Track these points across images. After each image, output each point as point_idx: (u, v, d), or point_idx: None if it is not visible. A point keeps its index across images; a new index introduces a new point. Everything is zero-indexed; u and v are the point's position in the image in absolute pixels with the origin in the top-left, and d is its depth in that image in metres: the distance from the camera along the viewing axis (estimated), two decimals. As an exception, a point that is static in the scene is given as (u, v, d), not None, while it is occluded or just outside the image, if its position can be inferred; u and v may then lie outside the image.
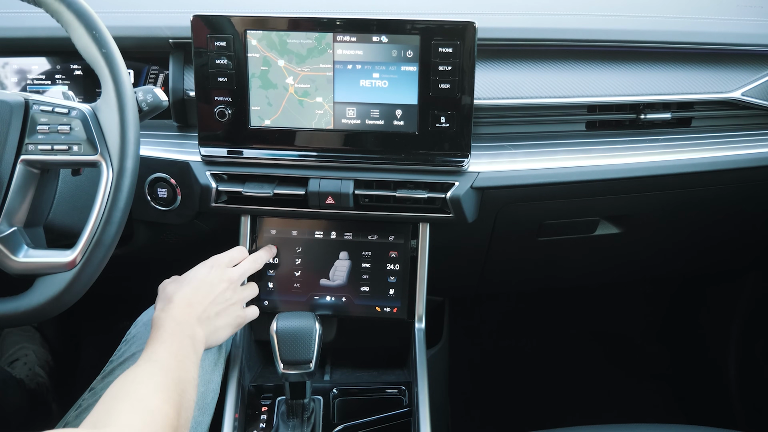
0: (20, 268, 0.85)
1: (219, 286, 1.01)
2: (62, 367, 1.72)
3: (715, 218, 1.37)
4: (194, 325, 0.95)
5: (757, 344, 1.75)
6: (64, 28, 0.87)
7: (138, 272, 1.41)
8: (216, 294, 1.00)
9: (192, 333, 0.93)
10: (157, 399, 0.77)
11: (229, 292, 1.03)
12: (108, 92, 0.86)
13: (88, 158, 0.85)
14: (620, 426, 1.00)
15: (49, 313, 0.85)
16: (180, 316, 0.94)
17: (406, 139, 1.07)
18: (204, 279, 1.01)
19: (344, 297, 1.15)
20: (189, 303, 0.97)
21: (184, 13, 1.08)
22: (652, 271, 1.68)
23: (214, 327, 0.99)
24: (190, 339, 0.92)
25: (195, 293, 0.98)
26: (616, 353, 2.01)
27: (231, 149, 1.10)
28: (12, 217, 0.86)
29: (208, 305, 0.99)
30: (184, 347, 0.90)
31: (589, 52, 1.17)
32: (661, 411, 1.89)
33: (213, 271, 1.03)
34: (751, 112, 1.21)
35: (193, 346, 0.92)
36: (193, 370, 0.88)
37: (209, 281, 1.01)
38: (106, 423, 0.72)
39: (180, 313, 0.94)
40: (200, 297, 0.98)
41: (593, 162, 1.13)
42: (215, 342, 1.00)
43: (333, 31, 1.03)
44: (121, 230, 0.86)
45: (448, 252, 1.24)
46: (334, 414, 1.10)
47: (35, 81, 1.19)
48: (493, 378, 1.96)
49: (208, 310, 0.98)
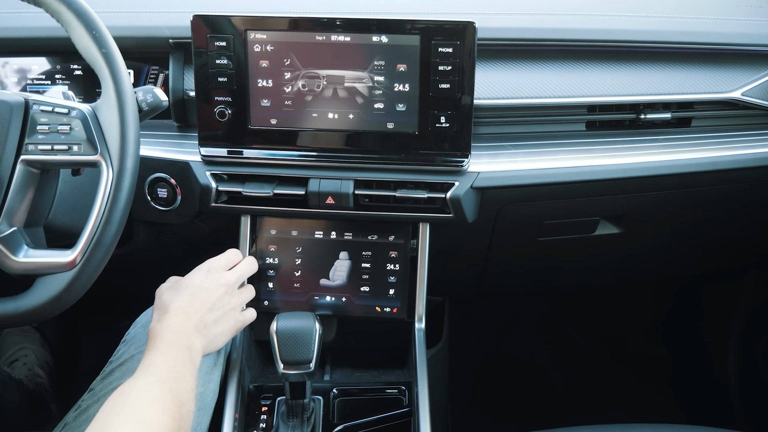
0: (20, 268, 0.85)
1: (216, 292, 1.00)
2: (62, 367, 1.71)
3: (715, 218, 1.37)
4: (191, 335, 0.93)
5: (757, 344, 1.75)
6: (64, 27, 0.87)
7: (138, 272, 1.41)
8: (213, 300, 0.99)
9: (189, 344, 0.92)
10: (154, 410, 0.77)
11: (227, 297, 1.02)
12: (108, 92, 0.86)
13: (88, 158, 0.85)
14: (620, 426, 1.00)
15: (50, 313, 0.85)
16: (177, 326, 0.92)
17: (406, 139, 1.07)
18: (201, 285, 0.99)
19: (344, 297, 1.15)
20: (186, 312, 0.95)
21: (184, 13, 1.07)
22: (653, 271, 1.68)
23: (213, 335, 0.98)
24: (187, 350, 0.91)
25: (192, 301, 0.97)
26: (616, 353, 2.01)
27: (231, 149, 1.10)
28: (12, 217, 0.86)
29: (205, 313, 0.97)
30: (181, 358, 0.89)
31: (589, 52, 1.17)
32: (661, 411, 1.89)
33: (210, 276, 1.01)
34: (751, 112, 1.21)
35: (191, 357, 0.91)
36: (191, 381, 0.88)
37: (206, 287, 0.99)
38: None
39: (176, 323, 0.93)
40: (197, 305, 0.97)
41: (593, 162, 1.13)
42: (213, 349, 0.99)
43: (333, 30, 1.03)
44: (121, 230, 0.86)
45: (448, 252, 1.24)
46: (334, 414, 1.10)
47: (35, 81, 1.19)
48: (493, 378, 1.96)
49: (205, 318, 0.97)
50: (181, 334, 0.92)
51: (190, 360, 0.90)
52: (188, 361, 0.89)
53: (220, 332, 1.00)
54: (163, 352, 0.88)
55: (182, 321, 0.94)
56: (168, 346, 0.89)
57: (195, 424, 0.98)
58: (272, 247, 1.16)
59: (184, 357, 0.89)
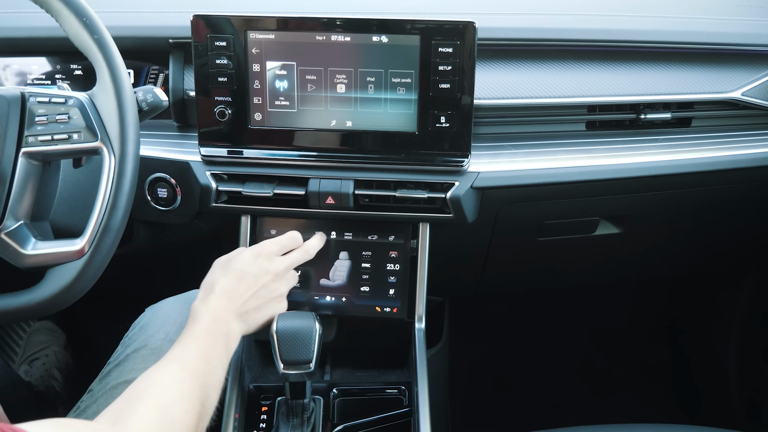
0: (30, 262, 0.84)
1: (263, 279, 0.98)
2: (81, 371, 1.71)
3: (715, 218, 1.37)
4: (230, 320, 0.93)
5: (758, 344, 1.75)
6: (55, 18, 0.86)
7: (138, 273, 1.41)
8: (258, 287, 0.98)
9: (227, 330, 0.92)
10: (180, 408, 0.77)
11: (273, 284, 1.00)
12: (103, 78, 0.85)
13: (89, 145, 0.85)
14: (620, 426, 1.00)
15: (63, 303, 0.85)
16: (217, 309, 0.92)
17: (406, 139, 1.07)
18: (247, 270, 0.98)
19: (344, 297, 1.15)
20: (229, 296, 0.94)
21: (184, 13, 1.08)
22: (653, 271, 1.68)
23: (252, 319, 0.98)
24: (224, 336, 0.91)
25: (237, 285, 0.96)
26: (617, 353, 2.01)
27: (231, 149, 1.10)
28: (17, 211, 0.85)
29: (249, 298, 0.96)
30: (216, 346, 0.89)
31: (589, 52, 1.17)
32: (661, 411, 1.89)
33: (258, 261, 0.99)
34: (751, 112, 1.21)
35: (226, 344, 0.91)
36: (222, 374, 0.88)
37: (253, 273, 0.98)
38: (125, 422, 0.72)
39: (218, 306, 0.92)
40: (242, 289, 0.96)
41: (593, 162, 1.13)
42: (251, 332, 0.98)
43: (333, 31, 1.03)
44: (128, 215, 0.85)
45: (449, 252, 1.24)
46: (334, 414, 1.10)
47: (35, 81, 1.19)
48: (493, 378, 1.96)
49: (248, 304, 0.96)
50: (221, 320, 0.92)
51: (226, 348, 0.90)
52: (223, 350, 0.90)
53: (260, 318, 0.99)
54: (200, 337, 0.88)
55: (224, 305, 0.93)
56: (206, 332, 0.89)
57: None
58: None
59: (220, 345, 0.89)
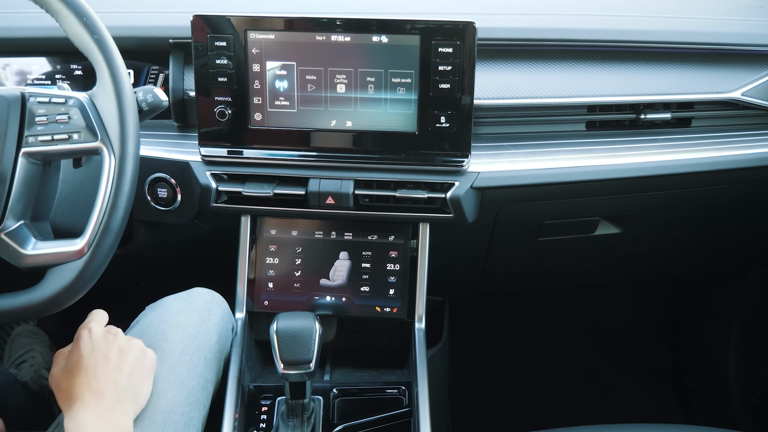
0: (30, 262, 0.84)
1: (110, 348, 0.90)
2: None
3: (715, 218, 1.37)
4: (117, 411, 0.85)
5: (758, 344, 1.75)
6: (54, 17, 0.86)
7: (138, 273, 1.41)
8: (115, 363, 0.89)
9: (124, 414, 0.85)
10: None
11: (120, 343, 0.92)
12: (103, 78, 0.85)
13: (89, 145, 0.84)
14: (620, 426, 1.00)
15: (63, 303, 0.84)
16: (97, 413, 0.83)
17: (406, 139, 1.07)
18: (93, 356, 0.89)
19: (344, 297, 1.15)
20: (97, 391, 0.85)
21: (184, 13, 1.08)
22: (652, 270, 1.68)
23: (137, 391, 0.90)
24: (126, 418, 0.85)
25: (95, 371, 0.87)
26: (617, 353, 2.01)
27: (231, 149, 1.10)
28: (17, 211, 0.85)
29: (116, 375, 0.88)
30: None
31: (589, 52, 1.17)
32: (661, 411, 1.89)
33: (98, 345, 0.91)
34: (751, 112, 1.21)
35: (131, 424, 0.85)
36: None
37: (97, 348, 0.90)
38: None
39: (95, 411, 0.83)
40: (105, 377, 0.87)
41: (593, 162, 1.13)
42: (145, 400, 0.91)
43: (333, 31, 1.03)
44: (128, 216, 0.85)
45: (448, 252, 1.24)
46: (334, 414, 1.10)
47: (35, 81, 1.19)
48: (493, 378, 1.96)
49: (119, 382, 0.88)
50: (108, 418, 0.83)
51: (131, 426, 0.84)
52: None
53: (141, 383, 0.91)
54: None
55: (99, 404, 0.84)
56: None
57: (187, 419, 0.97)
58: (272, 247, 1.16)
59: None
